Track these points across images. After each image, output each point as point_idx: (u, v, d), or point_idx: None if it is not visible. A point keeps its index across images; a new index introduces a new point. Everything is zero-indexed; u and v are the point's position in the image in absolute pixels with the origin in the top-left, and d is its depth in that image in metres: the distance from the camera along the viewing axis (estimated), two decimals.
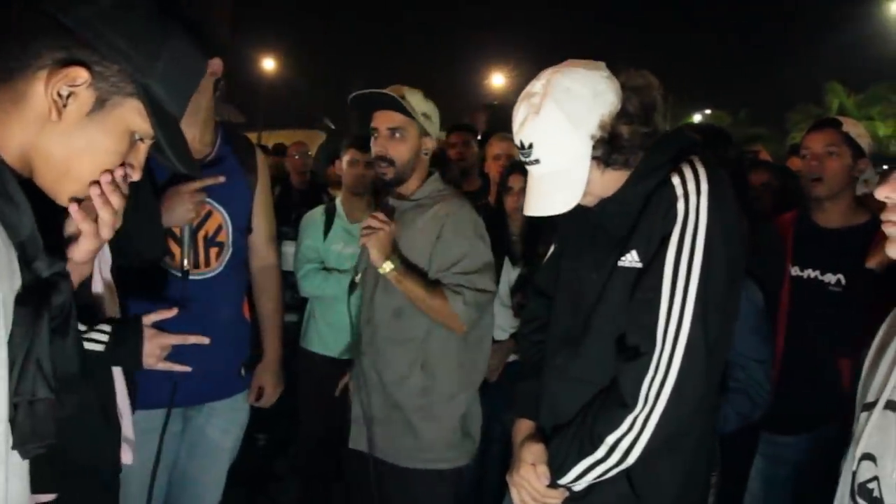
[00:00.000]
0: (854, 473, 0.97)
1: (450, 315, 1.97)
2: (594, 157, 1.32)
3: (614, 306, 1.37)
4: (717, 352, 1.34)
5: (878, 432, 0.94)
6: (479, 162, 3.68)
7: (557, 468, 1.38)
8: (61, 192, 0.98)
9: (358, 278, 2.13)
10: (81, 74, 0.89)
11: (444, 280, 2.00)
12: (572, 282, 1.50)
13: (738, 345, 1.88)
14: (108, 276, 1.49)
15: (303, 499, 3.05)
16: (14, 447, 0.88)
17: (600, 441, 1.31)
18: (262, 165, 2.21)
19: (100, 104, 0.92)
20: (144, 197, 1.61)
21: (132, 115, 0.96)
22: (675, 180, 1.31)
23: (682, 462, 1.38)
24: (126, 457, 1.54)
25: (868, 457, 0.95)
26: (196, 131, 1.97)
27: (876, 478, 0.93)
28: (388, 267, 1.96)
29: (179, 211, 1.84)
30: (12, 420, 0.85)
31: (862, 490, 0.95)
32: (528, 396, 1.57)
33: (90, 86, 0.90)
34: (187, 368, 1.74)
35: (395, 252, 2.01)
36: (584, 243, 1.49)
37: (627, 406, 1.29)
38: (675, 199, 1.29)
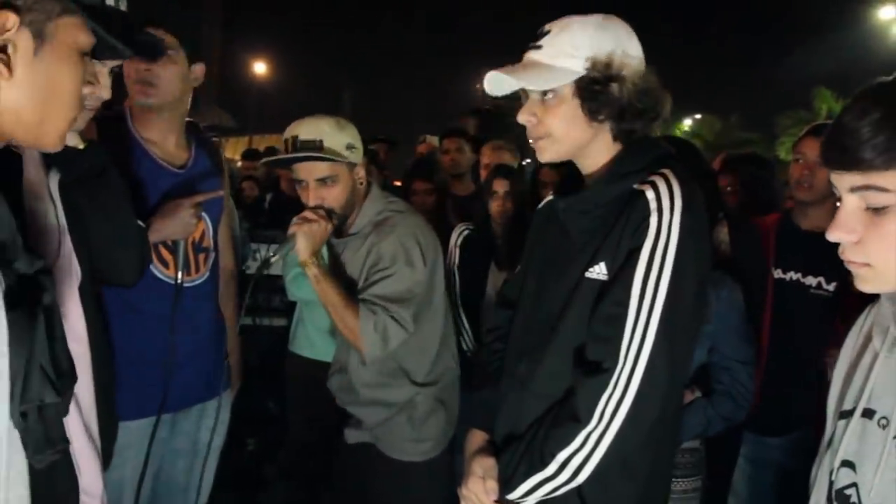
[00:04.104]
0: (832, 479, 0.98)
1: (356, 336, 1.88)
2: (578, 91, 1.31)
3: (578, 318, 1.33)
4: (680, 369, 1.33)
5: (857, 440, 0.95)
6: (474, 166, 3.69)
7: (506, 483, 1.35)
8: (47, 142, 0.95)
9: (273, 259, 1.99)
10: (9, 17, 0.83)
11: (363, 296, 1.92)
12: (535, 292, 1.47)
13: (721, 347, 1.90)
14: (70, 297, 1.26)
15: (291, 502, 3.05)
16: (30, 458, 0.85)
17: (551, 457, 1.27)
18: (225, 164, 2.23)
19: (40, 39, 0.87)
20: (118, 210, 1.51)
21: (74, 34, 0.92)
22: (650, 194, 1.28)
23: (637, 477, 1.34)
24: None
25: (847, 464, 0.96)
26: (176, 136, 1.97)
27: (854, 484, 0.94)
28: (310, 261, 1.88)
29: (181, 224, 1.82)
30: (24, 429, 0.83)
31: (840, 496, 0.96)
32: (483, 407, 1.54)
33: (22, 26, 0.85)
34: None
35: (328, 250, 1.95)
36: (548, 254, 1.47)
37: (581, 421, 1.25)
38: (648, 213, 1.27)
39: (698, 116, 29.00)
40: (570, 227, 1.41)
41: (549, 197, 1.58)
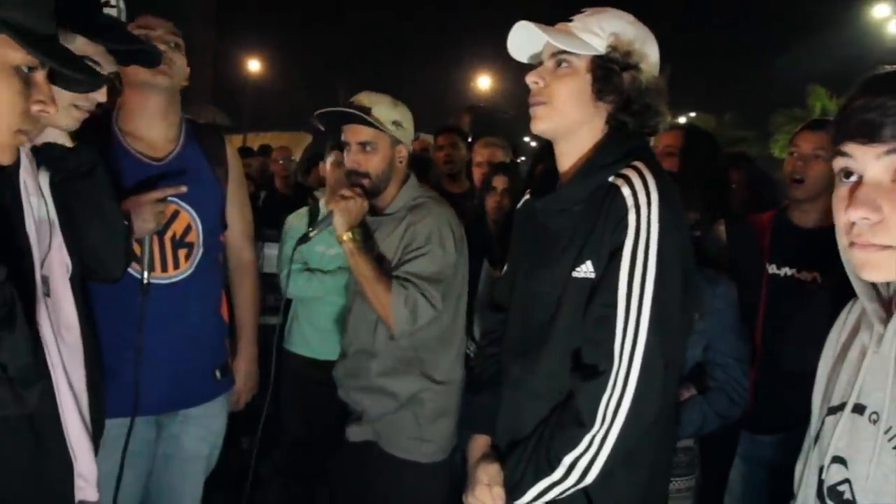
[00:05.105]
0: (823, 476, 0.97)
1: (387, 310, 1.95)
2: (592, 68, 1.34)
3: (570, 318, 1.34)
4: (673, 365, 1.34)
5: (847, 436, 0.95)
6: (468, 164, 3.69)
7: (513, 488, 1.36)
8: None
9: (312, 234, 2.11)
10: None
11: (397, 272, 2.00)
12: (525, 293, 1.48)
13: (716, 343, 1.90)
14: (63, 287, 1.35)
15: (286, 501, 3.04)
16: None
17: (558, 462, 1.28)
18: (234, 158, 2.14)
19: None
20: (105, 207, 1.53)
21: (4, 51, 0.98)
22: (626, 191, 1.29)
23: (639, 474, 1.36)
24: (87, 493, 1.38)
25: (838, 460, 0.96)
26: (164, 128, 1.93)
27: (847, 480, 0.93)
28: (347, 236, 1.98)
29: (138, 222, 1.76)
30: None
31: (832, 492, 0.96)
32: (483, 411, 1.55)
33: None
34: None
35: (360, 227, 2.03)
36: (535, 254, 1.47)
37: (585, 425, 1.27)
38: (626, 210, 1.28)
39: (693, 114, 29.04)
40: (551, 226, 1.43)
41: (527, 196, 1.58)
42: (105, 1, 1.38)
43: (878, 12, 19.34)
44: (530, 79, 1.39)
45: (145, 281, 1.83)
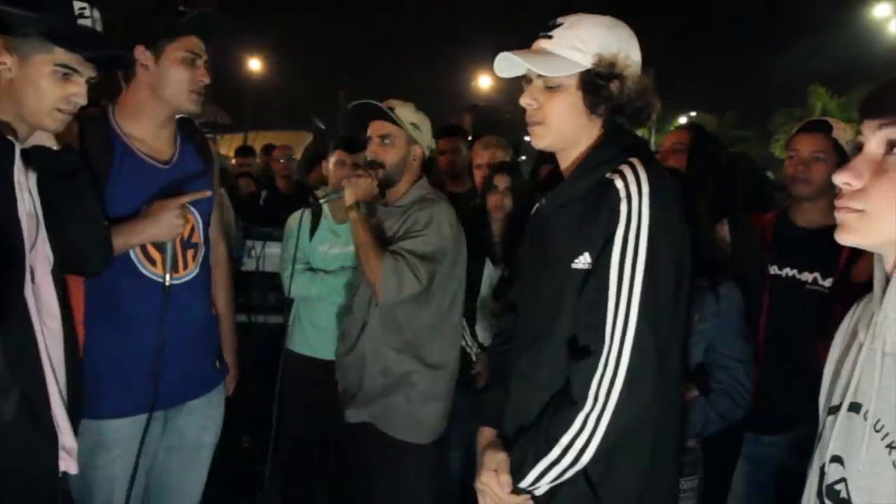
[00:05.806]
0: (823, 475, 0.98)
1: (376, 275, 2.14)
2: (581, 84, 1.38)
3: (572, 310, 1.38)
4: (671, 352, 1.36)
5: (844, 434, 0.95)
6: (469, 164, 3.68)
7: (517, 471, 1.38)
8: None
9: (322, 201, 2.44)
10: None
11: (392, 247, 2.20)
12: (532, 289, 1.52)
13: (719, 345, 1.90)
14: (45, 278, 1.48)
15: (286, 500, 3.04)
16: None
17: (554, 441, 1.31)
18: (215, 155, 2.24)
19: None
20: (88, 206, 1.61)
21: None
22: (619, 183, 1.34)
23: (641, 465, 1.37)
24: (68, 466, 1.51)
25: (836, 459, 0.96)
26: (167, 132, 1.95)
27: (843, 479, 0.94)
28: (353, 207, 2.22)
29: (169, 225, 1.81)
30: None
31: (830, 491, 0.96)
32: (492, 406, 1.59)
33: None
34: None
35: (368, 203, 2.28)
36: (540, 251, 1.51)
37: (577, 405, 1.30)
38: (618, 201, 1.32)
39: (693, 114, 29.05)
40: (554, 221, 1.47)
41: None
42: (79, 14, 1.46)
43: (879, 12, 19.32)
44: (524, 101, 1.44)
45: (167, 283, 1.88)
